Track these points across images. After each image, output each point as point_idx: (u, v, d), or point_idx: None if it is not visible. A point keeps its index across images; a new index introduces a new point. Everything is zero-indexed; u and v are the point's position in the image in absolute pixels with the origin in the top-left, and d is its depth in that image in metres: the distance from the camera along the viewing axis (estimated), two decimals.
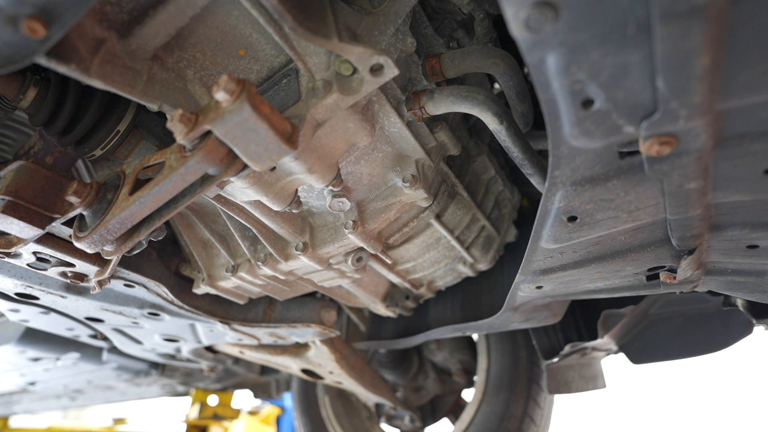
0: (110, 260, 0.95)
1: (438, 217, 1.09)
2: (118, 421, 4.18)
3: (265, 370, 2.53)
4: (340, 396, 2.30)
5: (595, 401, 5.15)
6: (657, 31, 0.40)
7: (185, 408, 3.16)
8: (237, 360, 2.25)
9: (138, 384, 2.35)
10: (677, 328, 1.48)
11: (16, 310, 1.28)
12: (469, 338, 2.11)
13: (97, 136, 0.80)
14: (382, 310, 1.42)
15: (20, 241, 0.81)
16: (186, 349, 1.76)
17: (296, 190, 0.85)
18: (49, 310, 1.30)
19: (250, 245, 1.09)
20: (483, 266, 1.31)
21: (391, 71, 0.63)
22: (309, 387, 2.36)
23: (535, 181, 0.90)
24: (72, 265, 0.95)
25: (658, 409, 5.17)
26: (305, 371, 1.78)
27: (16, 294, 1.17)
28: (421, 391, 2.14)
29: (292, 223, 0.98)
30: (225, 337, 1.53)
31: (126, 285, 1.14)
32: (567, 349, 1.48)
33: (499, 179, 1.25)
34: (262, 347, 1.68)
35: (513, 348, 1.84)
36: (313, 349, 1.61)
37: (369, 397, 1.98)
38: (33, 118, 0.77)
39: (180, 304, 1.23)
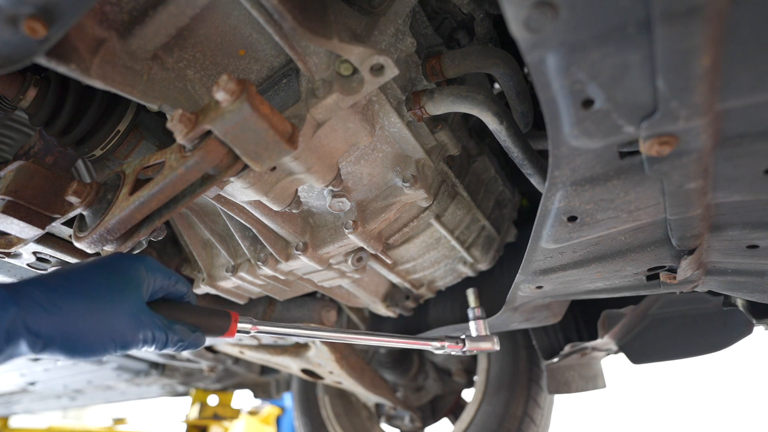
0: None
1: (438, 217, 1.09)
2: (118, 421, 4.18)
3: (265, 370, 2.53)
4: (340, 396, 2.30)
5: (595, 401, 5.15)
6: (657, 31, 0.40)
7: (185, 408, 3.16)
8: (237, 360, 2.25)
9: (138, 384, 2.35)
10: (677, 328, 1.48)
11: None
12: None
13: (97, 136, 0.80)
14: (382, 310, 1.42)
15: (20, 241, 0.81)
16: None
17: (296, 190, 0.85)
18: None
19: (250, 245, 1.09)
20: (483, 266, 1.31)
21: (392, 71, 0.63)
22: (309, 387, 2.36)
23: (535, 181, 0.90)
24: None
25: (658, 409, 5.17)
26: (305, 371, 1.78)
27: None
28: (421, 391, 2.14)
29: (292, 223, 0.98)
30: None
31: None
32: (567, 349, 1.48)
33: (499, 179, 1.25)
34: (262, 347, 1.68)
35: (513, 348, 1.84)
36: (313, 349, 1.61)
37: (369, 397, 1.98)
38: (33, 118, 0.77)
39: None
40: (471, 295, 1.16)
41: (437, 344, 1.03)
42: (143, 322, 0.65)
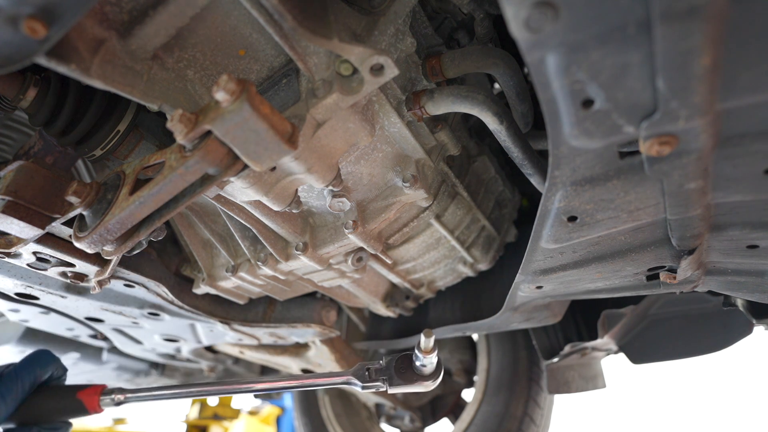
0: (110, 260, 0.95)
1: (438, 217, 1.09)
2: (118, 421, 4.18)
3: (265, 370, 2.53)
4: (340, 396, 2.30)
5: (595, 401, 5.15)
6: (657, 31, 0.40)
7: (185, 408, 3.16)
8: (237, 360, 2.25)
9: (138, 384, 2.35)
10: (677, 328, 1.48)
11: (16, 310, 1.28)
12: (469, 338, 2.11)
13: (97, 136, 0.80)
14: (382, 310, 1.42)
15: (20, 241, 0.81)
16: (186, 349, 1.76)
17: (296, 190, 0.85)
18: (49, 310, 1.30)
19: (250, 245, 1.09)
20: (483, 266, 1.31)
21: (391, 71, 0.63)
22: None
23: (535, 181, 0.90)
24: (72, 265, 0.95)
25: (658, 409, 5.17)
26: (305, 371, 1.78)
27: (16, 294, 1.17)
28: None
29: (292, 223, 0.98)
30: (225, 337, 1.53)
31: (126, 285, 1.14)
32: (567, 349, 1.48)
33: (499, 179, 1.25)
34: (262, 347, 1.68)
35: (513, 348, 1.85)
36: (313, 349, 1.62)
37: (369, 397, 1.98)
38: (33, 118, 0.77)
39: (180, 304, 1.23)
40: (424, 338, 0.79)
41: (342, 379, 0.85)
42: None
